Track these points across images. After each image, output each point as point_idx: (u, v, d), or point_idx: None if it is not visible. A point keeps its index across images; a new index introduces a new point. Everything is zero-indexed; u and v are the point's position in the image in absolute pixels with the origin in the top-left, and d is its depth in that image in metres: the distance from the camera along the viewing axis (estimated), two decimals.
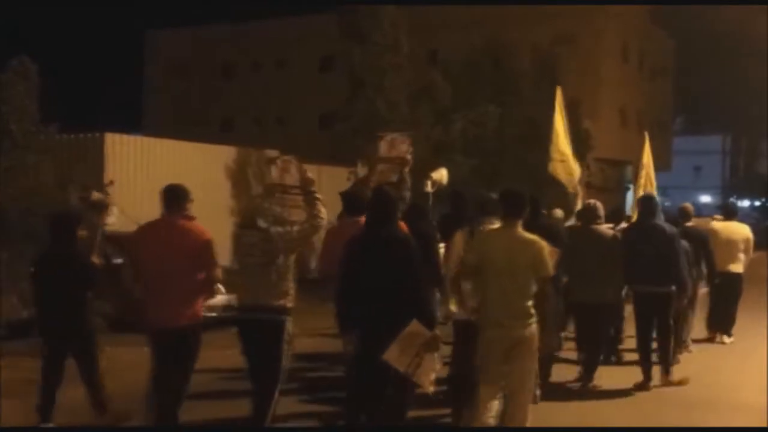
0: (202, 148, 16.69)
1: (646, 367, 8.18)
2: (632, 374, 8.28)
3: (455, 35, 31.30)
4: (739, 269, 10.73)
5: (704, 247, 9.90)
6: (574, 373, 8.37)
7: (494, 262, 5.61)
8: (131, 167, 14.53)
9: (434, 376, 5.45)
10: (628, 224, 9.57)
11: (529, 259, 5.57)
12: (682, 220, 9.98)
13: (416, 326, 5.23)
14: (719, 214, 12.08)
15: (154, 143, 15.94)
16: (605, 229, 8.42)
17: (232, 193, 16.23)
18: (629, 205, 19.40)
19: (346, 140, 20.51)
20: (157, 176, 13.71)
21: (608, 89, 36.09)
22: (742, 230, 10.95)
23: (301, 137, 30.49)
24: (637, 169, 11.80)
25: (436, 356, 5.38)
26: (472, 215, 6.63)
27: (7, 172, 10.84)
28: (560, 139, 10.54)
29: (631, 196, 20.06)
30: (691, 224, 10.07)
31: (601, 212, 8.36)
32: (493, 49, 24.72)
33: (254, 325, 5.71)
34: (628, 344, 9.38)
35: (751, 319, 11.67)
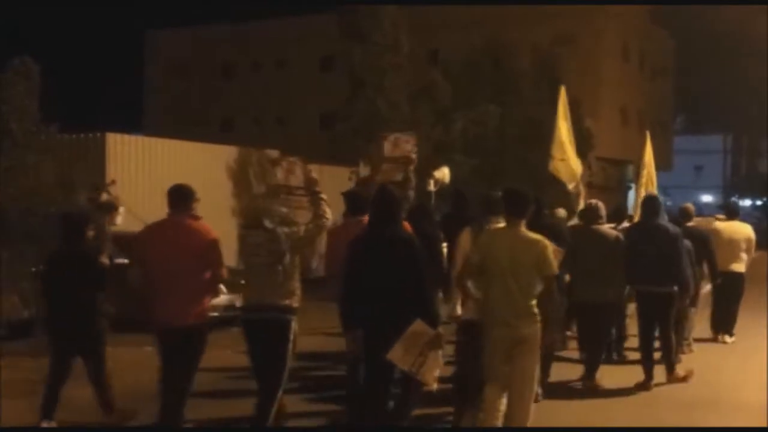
0: (203, 147, 16.67)
1: (647, 366, 8.18)
2: (634, 373, 8.29)
3: (455, 35, 31.33)
4: (741, 269, 10.73)
5: (705, 246, 9.89)
6: (576, 372, 8.37)
7: (498, 261, 5.60)
8: (132, 167, 14.51)
9: (438, 372, 5.46)
10: (629, 223, 9.59)
11: (533, 258, 5.56)
12: (683, 220, 9.97)
13: (420, 325, 5.25)
14: (721, 213, 12.07)
15: (155, 143, 15.92)
16: (607, 229, 8.42)
17: (233, 192, 16.24)
18: (630, 204, 19.42)
19: (346, 140, 20.55)
20: (158, 176, 13.75)
21: (609, 89, 36.12)
22: (744, 230, 10.95)
23: (301, 137, 30.52)
24: (638, 168, 11.78)
25: (440, 353, 5.39)
26: (474, 215, 6.63)
27: (7, 171, 10.81)
28: (563, 138, 10.51)
29: (632, 195, 20.05)
30: (692, 224, 10.07)
31: (602, 212, 8.36)
32: (493, 49, 24.73)
33: (260, 324, 5.71)
34: (630, 343, 9.39)
35: (752, 318, 11.67)
